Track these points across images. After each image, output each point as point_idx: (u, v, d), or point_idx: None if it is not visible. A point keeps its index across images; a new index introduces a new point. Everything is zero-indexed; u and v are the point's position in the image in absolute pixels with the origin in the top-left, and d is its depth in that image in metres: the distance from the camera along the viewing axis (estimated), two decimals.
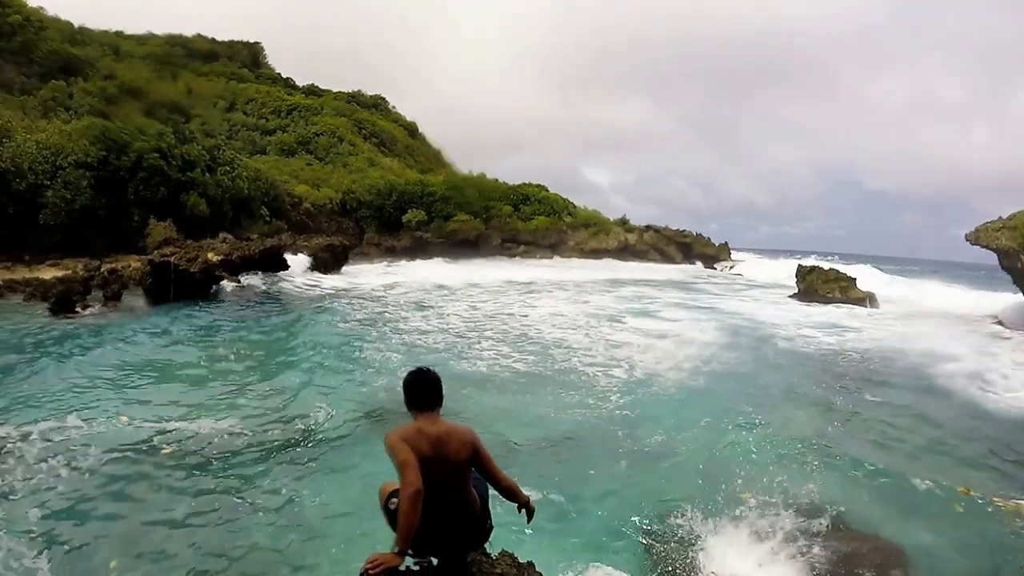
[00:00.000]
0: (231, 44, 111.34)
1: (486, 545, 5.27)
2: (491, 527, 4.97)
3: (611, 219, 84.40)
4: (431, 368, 4.92)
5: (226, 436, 13.19)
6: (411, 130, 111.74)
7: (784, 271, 58.92)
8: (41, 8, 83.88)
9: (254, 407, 14.98)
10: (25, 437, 12.64)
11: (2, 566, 8.44)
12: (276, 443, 12.96)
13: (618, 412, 15.47)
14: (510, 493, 4.94)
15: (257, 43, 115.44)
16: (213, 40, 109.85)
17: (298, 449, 12.72)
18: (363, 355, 20.23)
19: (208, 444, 12.71)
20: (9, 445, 12.23)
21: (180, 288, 31.19)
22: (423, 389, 4.78)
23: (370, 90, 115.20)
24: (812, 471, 12.16)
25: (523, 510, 5.04)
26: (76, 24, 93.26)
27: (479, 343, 22.96)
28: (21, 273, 34.61)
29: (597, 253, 76.91)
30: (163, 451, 12.75)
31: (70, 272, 34.49)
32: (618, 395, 16.95)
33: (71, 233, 39.73)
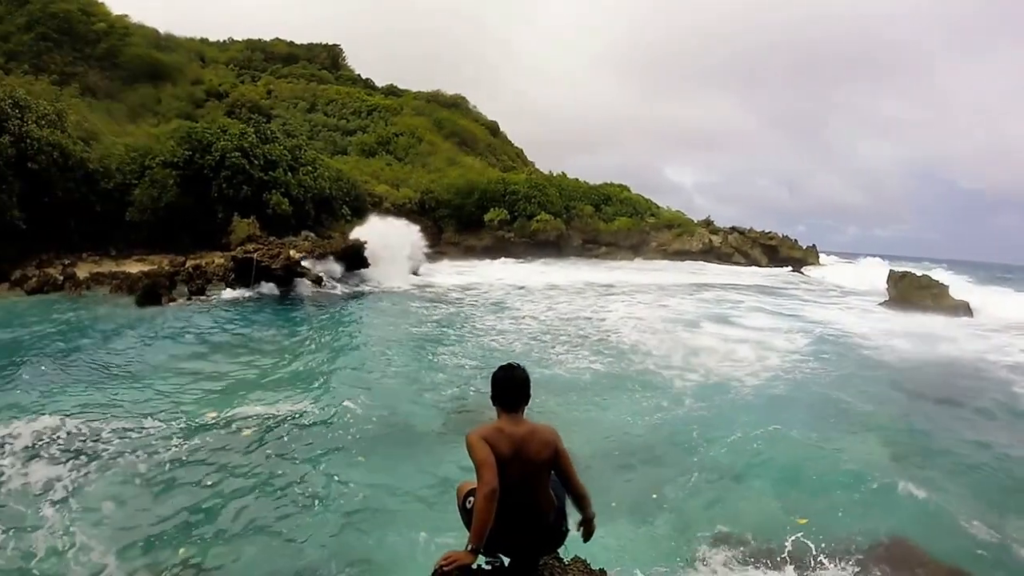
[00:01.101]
0: (310, 47, 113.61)
1: (560, 550, 5.25)
2: (567, 531, 4.97)
3: (695, 220, 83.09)
4: (521, 365, 4.95)
5: (303, 426, 13.57)
6: (492, 129, 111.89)
7: (874, 276, 56.74)
8: (126, 16, 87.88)
9: (331, 400, 15.34)
10: (109, 422, 13.25)
11: (73, 560, 8.68)
12: (353, 435, 13.19)
13: (692, 420, 15.08)
14: (580, 502, 4.96)
15: (336, 45, 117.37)
16: (292, 43, 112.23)
17: (376, 442, 12.95)
18: (438, 355, 20.36)
19: (286, 434, 13.08)
20: (96, 427, 12.81)
21: (263, 284, 31.99)
22: (509, 388, 4.82)
23: (449, 90, 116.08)
24: (883, 500, 11.40)
25: (582, 526, 5.04)
26: (162, 31, 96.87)
27: (554, 346, 22.77)
28: (108, 267, 36.10)
29: (680, 255, 75.60)
30: (243, 433, 13.06)
31: (155, 267, 35.81)
32: (693, 402, 16.53)
33: (157, 230, 41.27)
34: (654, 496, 11.16)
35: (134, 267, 36.59)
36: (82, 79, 71.25)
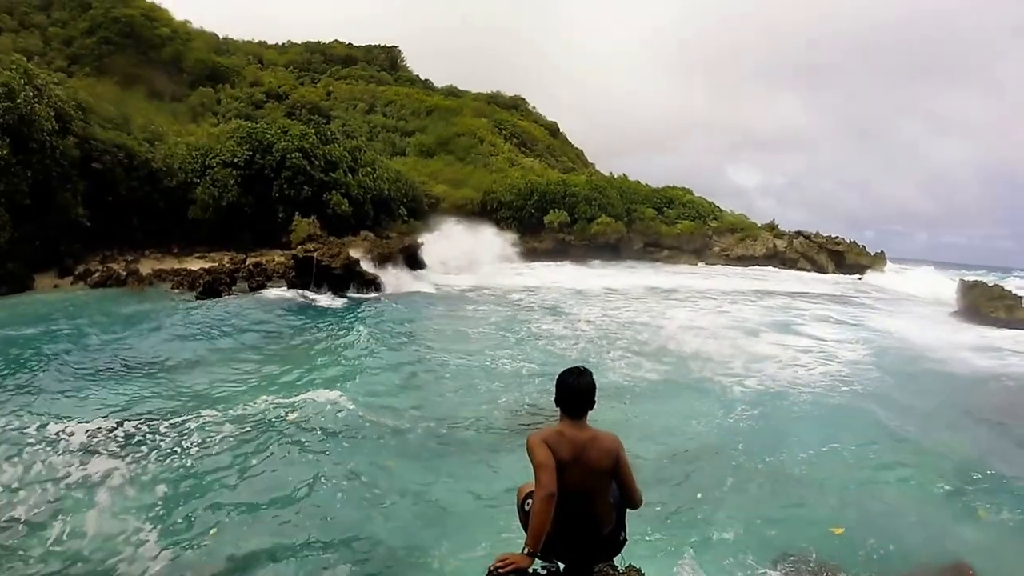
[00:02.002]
0: (369, 48, 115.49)
1: (617, 558, 5.21)
2: (624, 540, 4.97)
3: (758, 224, 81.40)
4: (587, 370, 4.83)
5: (357, 424, 13.62)
6: (552, 130, 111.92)
7: (943, 286, 54.75)
8: (187, 21, 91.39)
9: (385, 399, 15.52)
10: (167, 416, 13.71)
11: (121, 541, 9.00)
12: (407, 435, 13.28)
13: (747, 431, 14.67)
14: (631, 508, 4.94)
15: (395, 47, 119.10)
16: (351, 45, 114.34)
17: (431, 442, 12.96)
18: (495, 359, 20.25)
19: (340, 431, 13.16)
20: (153, 419, 13.37)
21: (322, 283, 32.36)
22: (574, 394, 4.74)
23: (509, 91, 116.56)
24: (943, 523, 10.93)
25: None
26: (221, 36, 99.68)
27: (610, 351, 22.48)
28: (170, 264, 37.31)
29: (743, 260, 74.06)
30: (289, 417, 13.20)
31: (216, 264, 36.66)
32: (750, 412, 16.08)
33: (218, 228, 42.43)
34: (707, 506, 10.88)
35: (195, 264, 37.78)
36: (147, 82, 73.50)
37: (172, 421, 13.35)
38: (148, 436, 12.54)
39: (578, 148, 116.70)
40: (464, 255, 47.40)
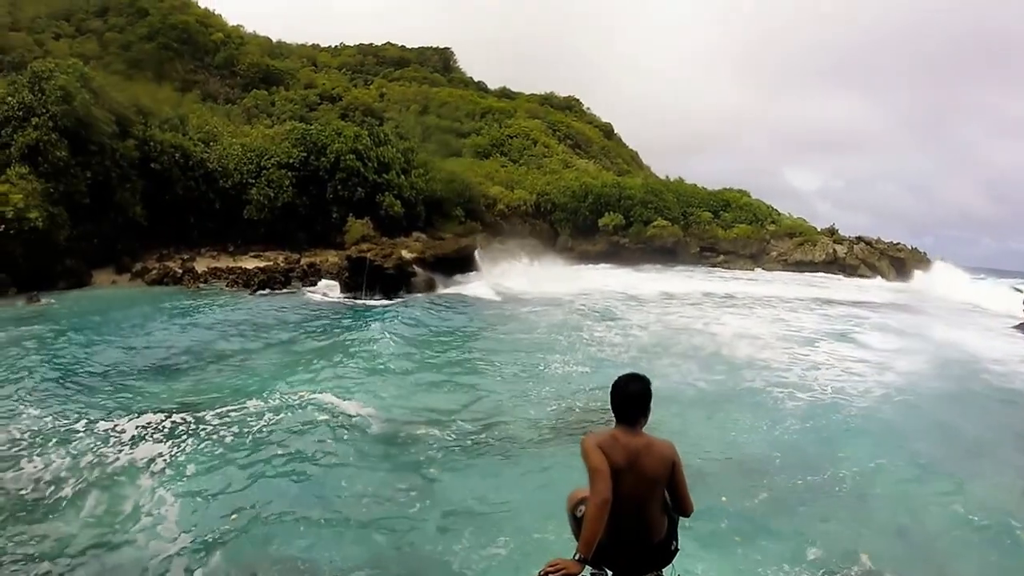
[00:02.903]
0: (422, 50, 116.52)
1: (668, 568, 5.05)
2: (676, 549, 4.91)
3: (817, 228, 79.43)
4: (643, 377, 4.82)
5: (402, 424, 13.67)
6: (606, 131, 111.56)
7: (1010, 296, 52.61)
8: (240, 26, 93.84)
9: (432, 400, 15.51)
10: (214, 405, 14.14)
11: (153, 520, 9.44)
12: (454, 436, 13.20)
13: (798, 444, 14.14)
14: (682, 516, 4.94)
15: (447, 48, 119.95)
16: (403, 47, 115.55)
17: (479, 445, 12.85)
18: (547, 363, 20.07)
19: (385, 430, 13.23)
20: (200, 408, 13.81)
21: (375, 283, 32.61)
22: (626, 401, 4.74)
23: (563, 92, 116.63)
24: (999, 550, 10.29)
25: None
26: (274, 39, 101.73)
27: (663, 358, 22.09)
28: (225, 263, 38.20)
29: (801, 266, 71.97)
30: (328, 415, 13.28)
31: (271, 263, 37.36)
32: (801, 424, 15.55)
33: (273, 228, 43.39)
34: (746, 519, 10.60)
35: (250, 263, 38.63)
36: (203, 85, 75.60)
37: (217, 411, 13.77)
38: (192, 427, 12.91)
39: (633, 150, 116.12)
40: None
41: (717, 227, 73.30)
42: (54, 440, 12.07)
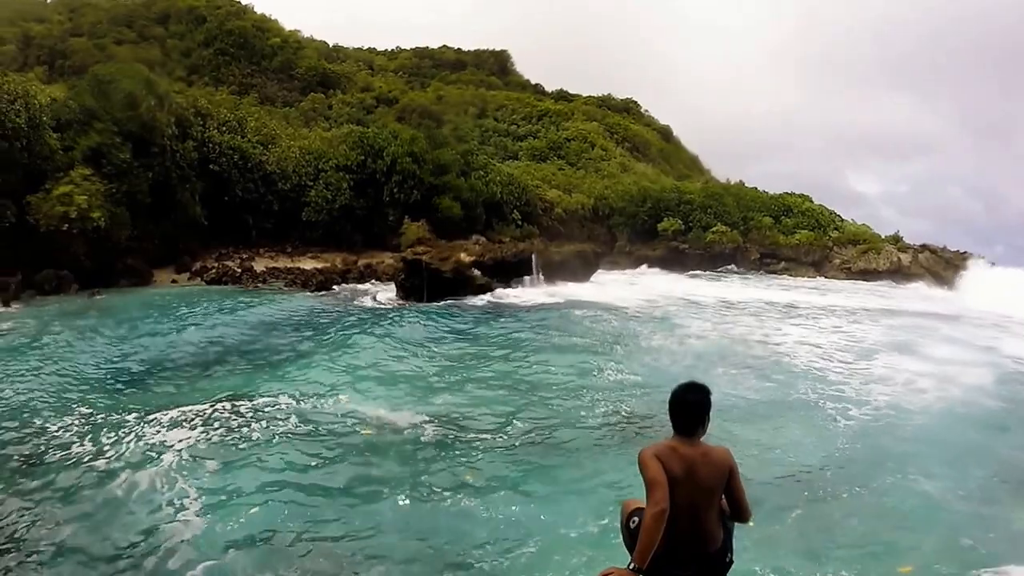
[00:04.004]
0: (478, 53, 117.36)
1: None
2: (731, 561, 4.85)
3: (881, 235, 77.34)
4: (702, 387, 4.83)
5: (459, 429, 13.61)
6: (665, 134, 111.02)
7: None
8: (297, 31, 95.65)
9: (481, 405, 15.38)
10: (253, 398, 14.46)
11: (165, 500, 9.87)
12: (504, 442, 13.05)
13: (844, 459, 13.62)
14: (740, 521, 4.95)
15: (504, 51, 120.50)
16: (459, 50, 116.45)
17: (529, 452, 12.67)
18: (601, 370, 19.75)
19: (440, 433, 13.18)
20: (236, 402, 14.02)
21: (432, 286, 32.57)
22: (684, 414, 4.73)
23: (620, 94, 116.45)
24: None
25: None
26: (331, 43, 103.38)
27: (717, 367, 21.59)
28: (283, 263, 38.83)
29: (865, 274, 69.62)
30: (376, 428, 13.20)
31: (328, 265, 37.79)
32: (854, 440, 14.81)
33: (330, 230, 43.88)
34: (787, 533, 10.24)
35: (308, 264, 39.22)
36: (261, 89, 77.15)
37: (254, 404, 14.09)
38: (231, 418, 13.27)
39: (693, 153, 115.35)
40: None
41: (778, 233, 71.74)
42: (97, 427, 12.72)
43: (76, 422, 13.03)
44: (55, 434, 12.44)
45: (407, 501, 10.27)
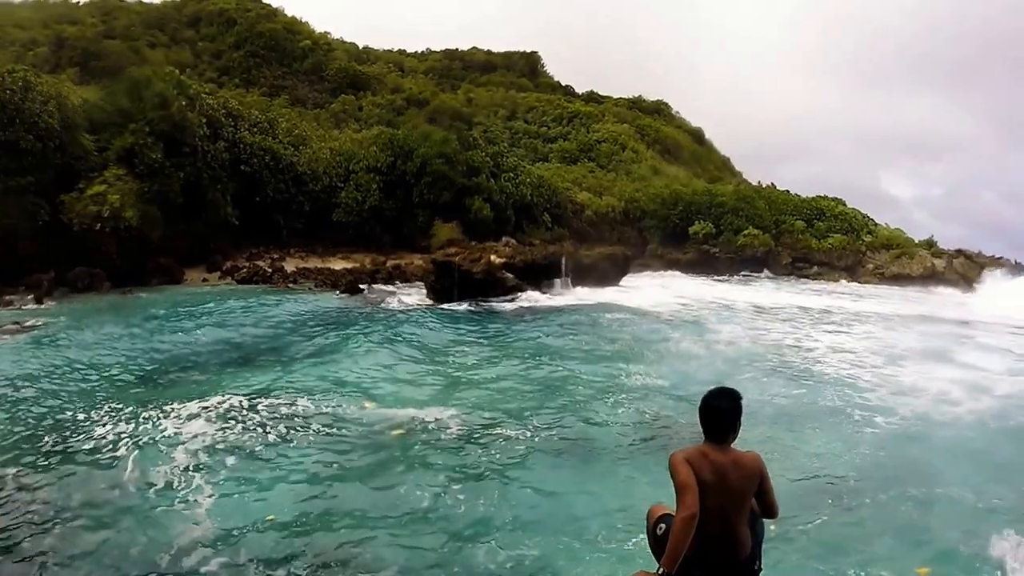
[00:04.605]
0: (508, 55, 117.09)
1: None
2: (760, 569, 4.90)
3: (915, 240, 75.95)
4: (734, 394, 4.84)
5: (485, 430, 13.56)
6: (697, 137, 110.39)
7: None
8: (327, 33, 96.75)
9: (515, 407, 15.33)
10: (269, 396, 14.67)
11: (179, 497, 9.92)
12: (530, 446, 12.94)
13: (878, 465, 13.23)
14: (768, 518, 5.00)
15: (534, 53, 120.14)
16: (490, 52, 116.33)
17: (556, 456, 12.61)
18: (629, 374, 19.54)
19: (466, 434, 13.17)
20: (255, 401, 14.20)
21: (462, 287, 32.54)
22: (714, 419, 4.74)
23: (651, 95, 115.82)
24: None
25: None
26: (361, 45, 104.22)
27: (746, 372, 21.29)
28: (314, 263, 39.38)
29: (898, 279, 68.26)
30: (399, 430, 13.17)
31: (358, 265, 38.12)
32: (875, 448, 14.49)
33: (360, 230, 44.18)
34: (821, 543, 10.02)
35: (338, 264, 39.61)
36: (291, 91, 77.89)
37: (278, 401, 14.26)
38: (245, 415, 13.40)
39: (725, 155, 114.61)
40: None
41: (810, 237, 70.84)
42: (121, 419, 12.99)
43: (101, 414, 13.32)
44: (81, 424, 12.78)
45: (427, 500, 10.26)
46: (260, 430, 12.72)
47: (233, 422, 12.99)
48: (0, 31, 75.83)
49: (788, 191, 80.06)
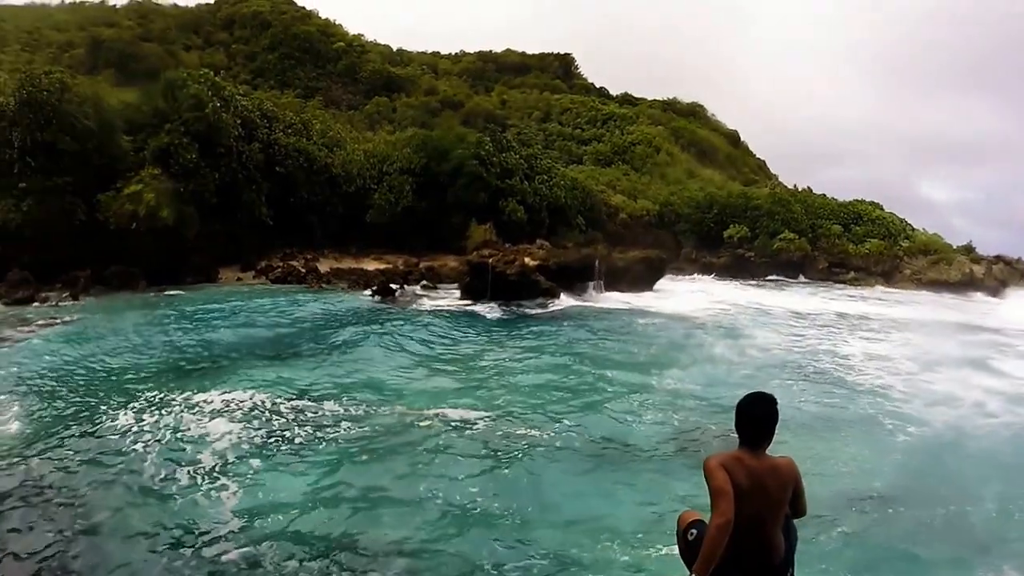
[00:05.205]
0: (542, 56, 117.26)
1: None
2: (792, 575, 4.84)
3: (953, 245, 74.44)
4: (771, 398, 4.74)
5: (515, 433, 13.49)
6: (732, 139, 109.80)
7: None
8: (361, 35, 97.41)
9: (546, 410, 15.28)
10: (291, 398, 14.59)
11: (203, 495, 9.88)
12: (561, 449, 12.90)
13: (908, 476, 12.86)
14: (797, 517, 4.96)
15: (568, 54, 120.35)
16: (524, 54, 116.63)
17: (587, 460, 12.54)
18: (661, 379, 19.32)
19: (495, 436, 13.15)
20: (278, 402, 14.19)
21: (496, 289, 32.48)
22: (751, 425, 4.68)
23: (686, 97, 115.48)
24: None
25: None
26: (395, 47, 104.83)
27: (778, 379, 20.93)
28: (347, 264, 39.77)
29: (935, 286, 66.72)
30: (427, 432, 13.13)
31: (391, 267, 38.32)
32: (913, 456, 14.06)
33: (393, 232, 44.30)
34: (845, 553, 9.76)
35: (371, 265, 39.88)
36: (325, 92, 78.60)
37: (293, 407, 14.07)
38: (271, 413, 13.45)
39: (760, 158, 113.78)
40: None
41: (847, 242, 69.85)
42: (149, 409, 13.27)
43: (131, 404, 13.58)
44: (109, 414, 13.04)
45: (452, 496, 10.25)
46: (287, 422, 12.93)
47: (260, 416, 13.19)
48: (37, 33, 77.44)
49: (825, 195, 79.11)
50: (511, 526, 9.50)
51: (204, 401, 13.89)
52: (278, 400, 14.22)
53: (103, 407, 13.49)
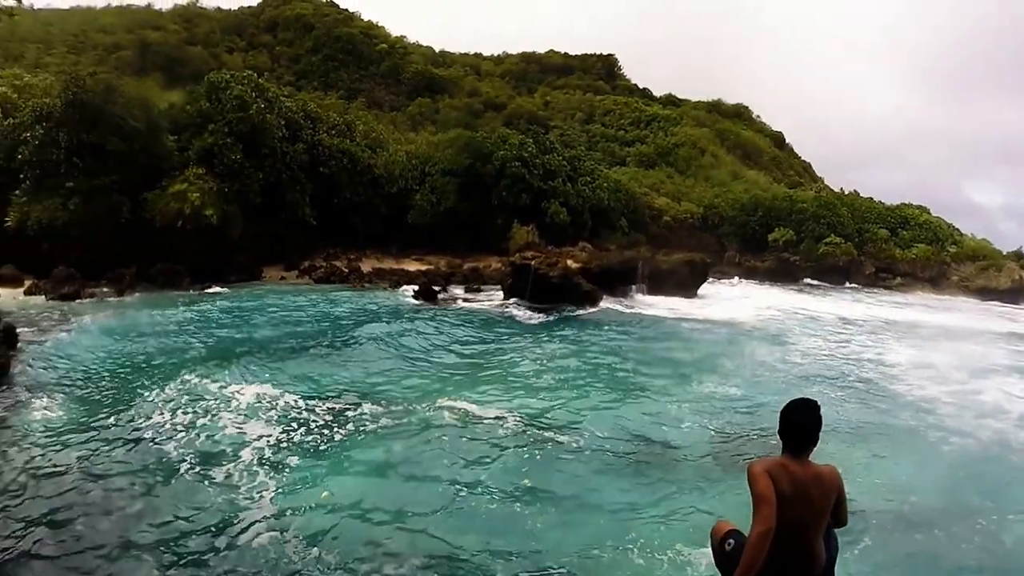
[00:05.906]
0: (585, 57, 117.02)
1: None
2: None
3: (1002, 251, 72.53)
4: (815, 404, 4.77)
5: (551, 437, 13.40)
6: (777, 141, 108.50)
7: None
8: (404, 36, 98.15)
9: (585, 415, 15.11)
10: (328, 399, 14.64)
11: (243, 493, 9.87)
12: (596, 452, 12.90)
13: (950, 490, 12.42)
14: (838, 526, 4.98)
15: (611, 55, 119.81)
16: (566, 55, 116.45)
17: (622, 463, 12.50)
18: (701, 383, 19.01)
19: (530, 441, 12.98)
20: (314, 402, 14.25)
21: (538, 291, 32.28)
22: (795, 431, 4.69)
23: (731, 99, 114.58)
24: None
25: None
26: (437, 49, 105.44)
27: (819, 387, 20.41)
28: (389, 264, 40.14)
29: (983, 292, 64.79)
30: (451, 421, 13.25)
31: (433, 267, 38.44)
32: (956, 470, 13.55)
33: (435, 233, 44.54)
34: (883, 565, 9.44)
35: (413, 266, 40.12)
36: (368, 94, 79.23)
37: (330, 408, 14.06)
38: (306, 415, 13.42)
39: (806, 160, 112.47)
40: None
41: (894, 246, 68.58)
42: (188, 400, 13.64)
43: (169, 395, 13.94)
44: (151, 402, 13.50)
45: (484, 498, 10.21)
46: (319, 418, 13.10)
47: (291, 411, 13.40)
48: (83, 36, 78.82)
49: (871, 198, 77.89)
50: (543, 528, 9.40)
51: (240, 393, 14.14)
52: (311, 396, 14.40)
53: (138, 396, 13.88)
